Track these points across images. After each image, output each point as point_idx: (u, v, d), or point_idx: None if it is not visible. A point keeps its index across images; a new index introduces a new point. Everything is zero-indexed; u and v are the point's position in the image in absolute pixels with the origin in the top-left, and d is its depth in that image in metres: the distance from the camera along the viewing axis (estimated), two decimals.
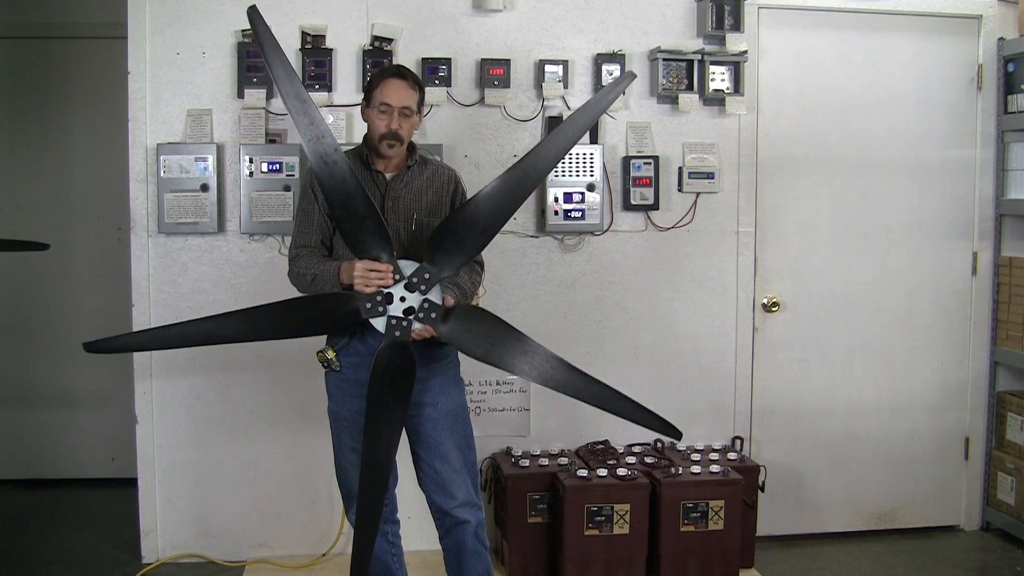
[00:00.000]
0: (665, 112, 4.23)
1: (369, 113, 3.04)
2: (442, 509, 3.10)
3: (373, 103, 3.03)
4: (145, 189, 3.96)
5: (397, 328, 2.81)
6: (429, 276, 2.81)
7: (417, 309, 2.82)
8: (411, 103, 3.02)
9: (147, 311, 4.01)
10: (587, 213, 4.08)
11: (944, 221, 4.50)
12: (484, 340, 2.82)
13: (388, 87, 3.01)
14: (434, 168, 3.18)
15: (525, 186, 2.83)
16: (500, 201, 2.81)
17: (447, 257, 2.81)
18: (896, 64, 4.40)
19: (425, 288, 2.81)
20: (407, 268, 2.82)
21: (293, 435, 4.11)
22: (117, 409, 4.76)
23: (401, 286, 2.81)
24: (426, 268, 2.81)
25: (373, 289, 2.79)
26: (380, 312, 2.81)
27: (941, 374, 4.54)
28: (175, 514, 4.09)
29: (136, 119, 3.94)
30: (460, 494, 3.08)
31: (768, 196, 4.34)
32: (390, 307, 2.81)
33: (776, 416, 4.42)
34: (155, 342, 3.05)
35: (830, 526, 4.50)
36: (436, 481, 3.08)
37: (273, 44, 2.72)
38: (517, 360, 2.80)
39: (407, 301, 2.81)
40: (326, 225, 3.08)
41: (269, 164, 3.93)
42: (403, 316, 2.81)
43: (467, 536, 3.09)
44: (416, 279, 2.81)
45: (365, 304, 2.81)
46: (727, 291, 4.32)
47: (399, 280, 2.80)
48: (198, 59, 3.97)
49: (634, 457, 4.08)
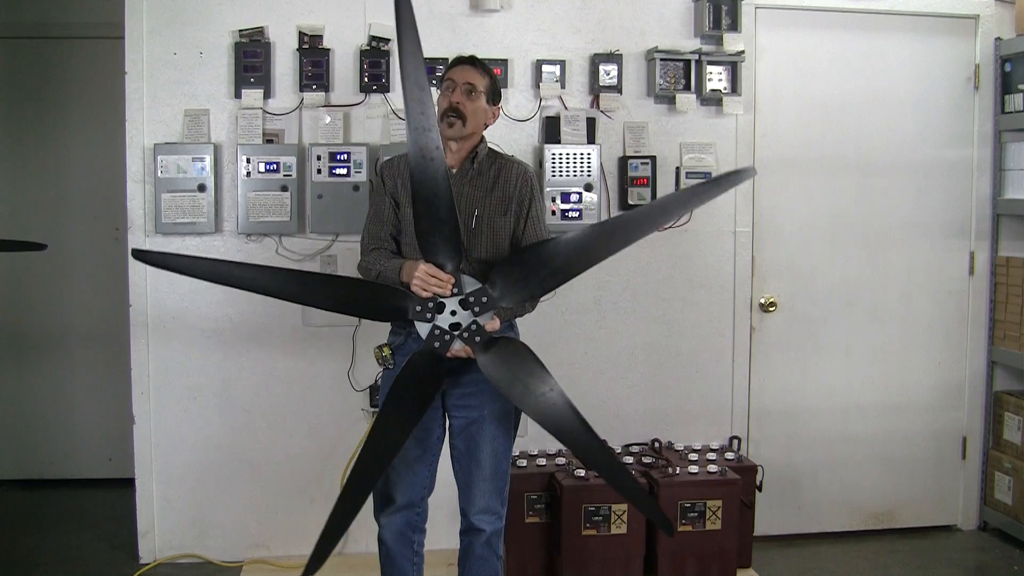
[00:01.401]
0: (662, 112, 4.22)
1: (440, 100, 3.02)
2: (463, 511, 3.11)
3: (443, 85, 3.03)
4: (142, 189, 3.96)
5: (438, 339, 2.76)
6: (487, 300, 2.75)
7: (463, 328, 2.76)
8: (474, 80, 2.99)
9: (144, 311, 4.01)
10: (584, 213, 4.06)
11: (941, 221, 4.49)
12: (516, 382, 2.74)
13: (455, 69, 3.02)
14: (504, 164, 3.08)
15: (611, 244, 2.70)
16: (582, 250, 2.71)
17: (511, 288, 2.74)
18: (893, 64, 4.40)
19: (479, 310, 2.75)
20: (468, 285, 2.76)
21: (291, 435, 4.11)
22: (114, 409, 4.76)
23: (456, 300, 2.76)
24: (486, 291, 2.74)
25: (429, 294, 2.74)
26: (427, 319, 2.76)
27: (938, 374, 4.54)
28: (172, 514, 4.08)
29: (133, 119, 3.94)
30: (482, 501, 3.07)
31: (765, 196, 4.33)
32: (439, 317, 2.76)
33: (773, 416, 4.41)
34: (202, 271, 2.86)
35: (827, 526, 4.50)
36: (465, 483, 3.08)
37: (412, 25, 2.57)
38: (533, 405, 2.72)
39: (456, 316, 2.76)
40: (396, 219, 3.07)
41: (266, 164, 3.92)
42: (447, 330, 2.76)
43: (477, 544, 3.09)
44: (473, 299, 2.75)
45: (416, 306, 2.75)
46: (724, 291, 4.31)
47: (456, 294, 2.75)
48: (195, 59, 3.97)
49: (632, 457, 4.08)
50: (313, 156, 3.93)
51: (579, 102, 4.16)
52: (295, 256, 4.00)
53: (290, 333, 4.07)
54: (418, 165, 2.64)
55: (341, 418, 4.10)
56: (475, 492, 3.06)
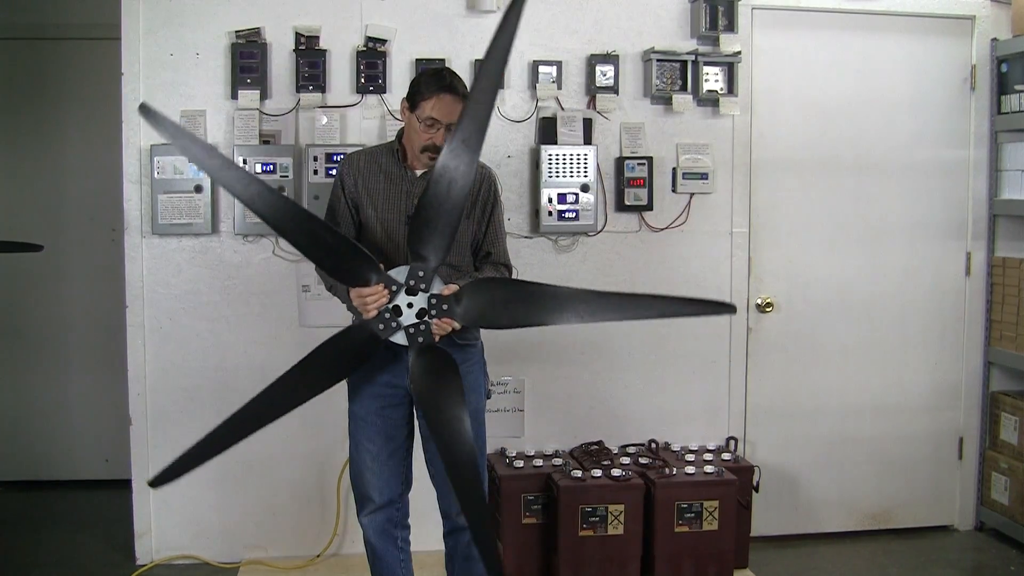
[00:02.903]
0: (659, 113, 4.22)
1: (411, 118, 2.94)
2: (446, 512, 3.10)
3: (419, 112, 2.90)
4: (139, 190, 3.96)
5: (418, 335, 2.72)
6: (423, 272, 2.69)
7: (428, 308, 2.71)
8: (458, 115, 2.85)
9: (140, 312, 4.01)
10: (581, 214, 4.07)
11: (938, 221, 4.49)
12: (505, 306, 2.64)
13: (440, 104, 2.88)
14: None
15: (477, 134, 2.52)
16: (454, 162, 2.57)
17: (427, 246, 2.65)
18: (890, 65, 4.40)
19: (426, 285, 2.70)
20: (399, 275, 2.73)
21: (288, 436, 4.05)
22: (111, 410, 4.75)
23: (403, 294, 2.71)
24: (415, 266, 2.70)
25: (375, 312, 2.69)
26: (395, 328, 2.71)
27: (935, 374, 4.54)
28: (169, 515, 4.08)
29: (130, 120, 3.93)
30: None
31: (762, 197, 4.33)
32: (402, 318, 2.71)
33: (770, 416, 4.41)
34: (211, 450, 2.75)
35: (824, 526, 4.50)
36: (444, 485, 3.04)
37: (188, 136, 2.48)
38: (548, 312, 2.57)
39: (415, 305, 2.71)
40: (351, 217, 3.06)
41: (263, 165, 3.93)
42: (418, 321, 2.72)
43: (462, 544, 3.10)
44: (413, 281, 2.71)
45: (378, 326, 2.69)
46: (721, 292, 4.29)
47: (398, 290, 2.71)
48: (192, 60, 3.97)
49: (628, 458, 4.08)
50: (310, 157, 3.93)
51: (575, 103, 4.16)
52: (292, 257, 4.00)
53: (287, 334, 4.06)
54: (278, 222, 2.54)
55: (339, 419, 3.92)
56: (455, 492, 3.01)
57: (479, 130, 2.52)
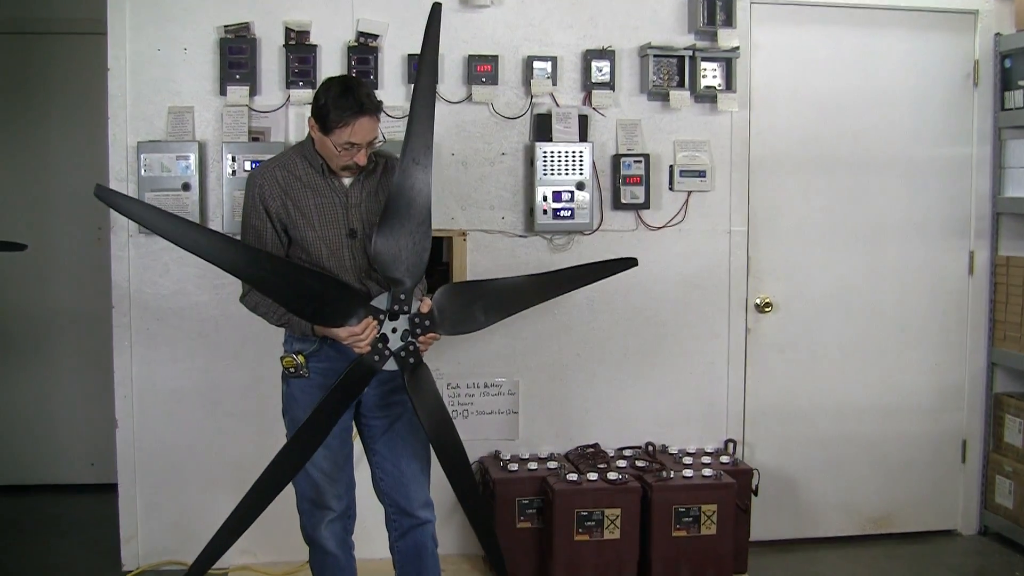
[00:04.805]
0: (656, 109, 4.19)
1: (327, 143, 2.82)
2: (403, 509, 3.07)
3: (334, 138, 2.79)
4: (125, 188, 3.89)
5: (408, 356, 2.83)
6: (404, 296, 2.81)
7: (411, 328, 2.83)
8: (376, 132, 2.87)
9: (127, 313, 3.97)
10: (576, 212, 4.05)
11: (940, 220, 4.47)
12: (474, 308, 2.89)
13: (358, 128, 2.78)
14: (383, 160, 3.02)
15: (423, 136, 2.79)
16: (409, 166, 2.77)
17: (400, 266, 2.76)
18: (891, 60, 4.37)
19: (408, 308, 2.82)
20: (381, 302, 2.82)
21: (277, 439, 3.86)
22: (97, 413, 4.69)
23: (386, 321, 2.82)
24: (395, 290, 2.80)
25: (369, 346, 2.78)
26: (387, 355, 2.82)
27: (937, 375, 4.51)
28: (156, 520, 4.04)
29: (116, 117, 3.89)
30: (422, 494, 3.07)
31: (761, 195, 4.30)
32: (390, 344, 2.82)
33: (769, 418, 4.39)
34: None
35: (825, 531, 4.48)
36: (399, 480, 3.04)
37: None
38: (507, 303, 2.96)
39: (399, 328, 2.82)
40: (280, 245, 2.94)
41: (252, 163, 3.84)
42: (403, 344, 2.83)
43: (427, 537, 3.09)
44: (396, 306, 2.81)
45: (373, 358, 2.80)
46: (719, 291, 4.28)
47: (383, 320, 2.80)
48: (179, 56, 3.92)
49: (625, 461, 4.05)
50: None
51: (571, 99, 4.12)
52: None
53: (276, 336, 3.90)
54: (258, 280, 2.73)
55: None
56: (413, 487, 3.05)
57: (426, 146, 2.74)
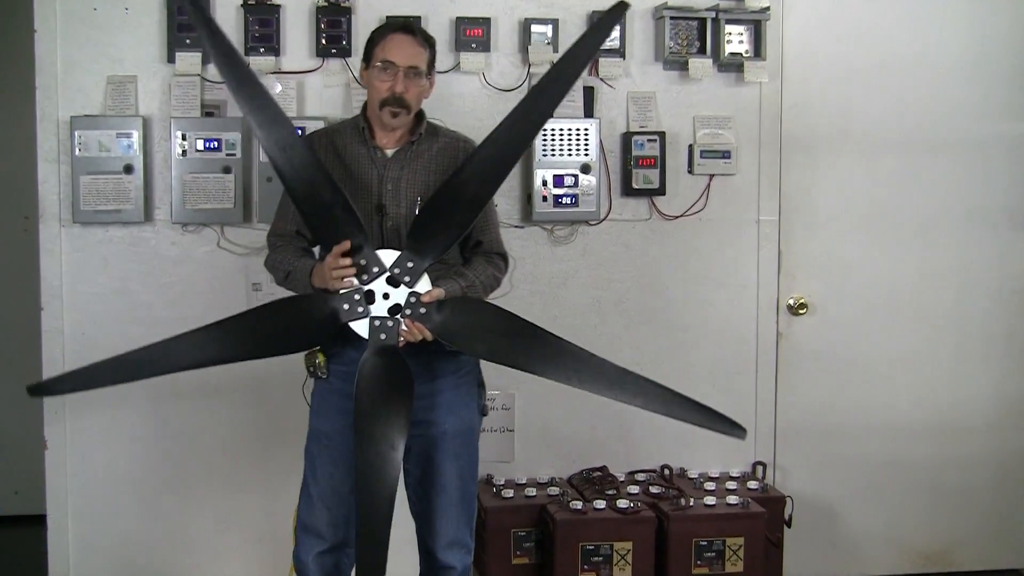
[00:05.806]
0: (673, 80, 3.98)
1: (368, 75, 2.86)
2: (427, 548, 2.94)
3: (373, 61, 2.83)
4: (56, 170, 3.70)
5: (382, 330, 2.62)
6: (413, 265, 2.62)
7: (404, 306, 2.63)
8: (419, 62, 2.82)
9: (59, 315, 3.72)
10: (581, 199, 3.86)
11: (1004, 208, 4.24)
12: (487, 336, 2.64)
13: (391, 43, 2.81)
14: (446, 140, 2.95)
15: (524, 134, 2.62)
16: (489, 161, 2.60)
17: (430, 240, 2.62)
18: (946, 23, 4.15)
19: (411, 280, 2.62)
20: (387, 258, 2.64)
21: (234, 464, 3.84)
22: (22, 433, 4.42)
23: (383, 280, 2.63)
24: (408, 256, 2.62)
25: (345, 283, 2.61)
26: (361, 313, 2.63)
27: (1000, 388, 4.28)
28: (93, 556, 3.78)
29: (45, 87, 3.67)
30: (450, 532, 2.93)
31: (794, 179, 4.11)
32: (372, 307, 2.63)
33: (804, 438, 4.18)
34: (109, 376, 2.77)
35: (869, 568, 4.25)
36: (425, 512, 2.92)
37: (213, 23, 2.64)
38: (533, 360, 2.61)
39: (392, 298, 2.64)
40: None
41: (206, 142, 3.69)
42: (388, 316, 2.64)
43: None
44: (399, 270, 2.62)
45: (343, 305, 2.62)
46: (746, 290, 4.09)
47: (379, 273, 2.63)
48: (120, 16, 3.69)
49: (637, 486, 3.85)
50: None
51: None
52: (240, 250, 3.73)
53: None
54: (282, 161, 2.61)
55: (294, 440, 3.71)
56: (439, 523, 2.90)
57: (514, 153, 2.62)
